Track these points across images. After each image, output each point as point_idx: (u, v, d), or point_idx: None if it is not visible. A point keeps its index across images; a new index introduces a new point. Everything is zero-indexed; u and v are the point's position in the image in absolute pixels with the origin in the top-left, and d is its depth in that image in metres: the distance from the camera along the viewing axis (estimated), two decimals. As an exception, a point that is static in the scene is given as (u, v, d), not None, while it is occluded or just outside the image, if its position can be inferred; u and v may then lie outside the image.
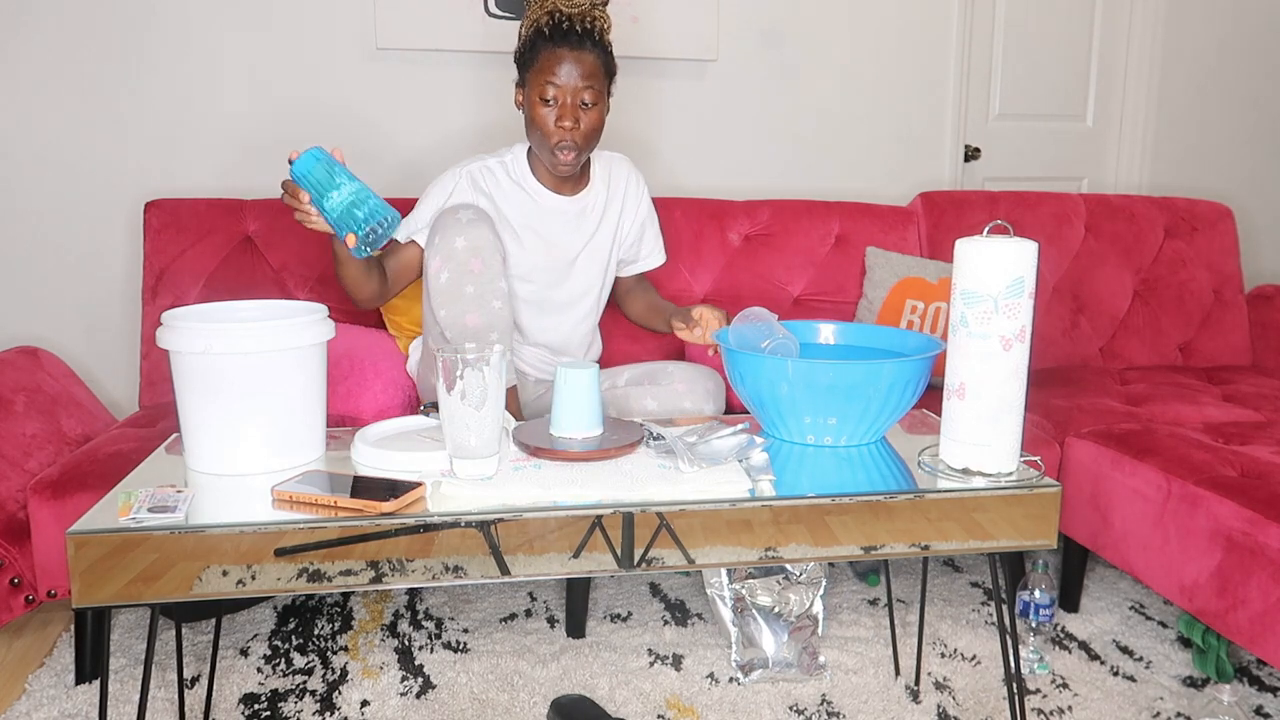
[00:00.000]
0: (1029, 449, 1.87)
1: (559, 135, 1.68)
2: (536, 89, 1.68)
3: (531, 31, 1.69)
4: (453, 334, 1.66)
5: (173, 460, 1.31)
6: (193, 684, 1.67)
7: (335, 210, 1.31)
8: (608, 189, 1.89)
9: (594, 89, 1.68)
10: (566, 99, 1.67)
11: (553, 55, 1.65)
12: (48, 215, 2.32)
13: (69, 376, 2.09)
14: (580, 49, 1.66)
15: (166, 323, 1.24)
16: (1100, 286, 2.58)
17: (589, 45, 1.67)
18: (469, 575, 1.12)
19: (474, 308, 1.66)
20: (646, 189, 1.97)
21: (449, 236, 1.66)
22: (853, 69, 2.77)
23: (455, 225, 1.66)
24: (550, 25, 1.66)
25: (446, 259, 1.65)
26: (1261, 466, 1.67)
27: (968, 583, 2.12)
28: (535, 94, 1.68)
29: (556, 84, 1.66)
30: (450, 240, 1.66)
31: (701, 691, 1.66)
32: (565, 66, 1.65)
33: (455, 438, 1.18)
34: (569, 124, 1.67)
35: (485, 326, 1.67)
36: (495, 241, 1.69)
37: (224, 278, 2.15)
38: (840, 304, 2.42)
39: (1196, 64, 3.06)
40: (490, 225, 1.70)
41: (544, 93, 1.66)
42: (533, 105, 1.69)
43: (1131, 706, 1.63)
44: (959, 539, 1.22)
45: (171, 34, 2.32)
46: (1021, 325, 1.20)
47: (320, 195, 1.32)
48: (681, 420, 1.51)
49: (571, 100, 1.67)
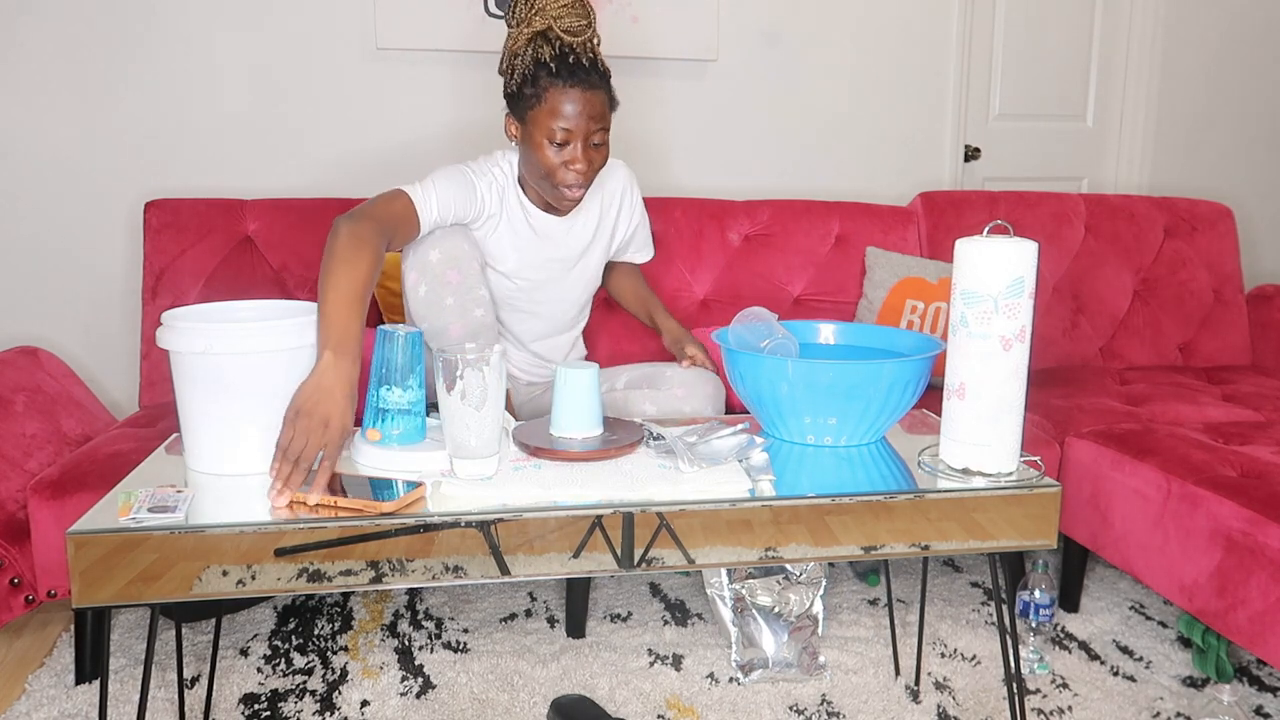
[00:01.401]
0: (1029, 449, 1.87)
1: (569, 176, 1.61)
2: (542, 131, 1.58)
3: (531, 65, 1.57)
4: (437, 345, 1.64)
5: (173, 460, 1.31)
6: (193, 684, 1.67)
7: (385, 404, 1.27)
8: (600, 205, 1.84)
9: (604, 128, 1.60)
10: (578, 141, 1.58)
11: (563, 95, 1.55)
12: (48, 215, 2.32)
13: (69, 376, 2.09)
14: (591, 89, 1.56)
15: (166, 323, 1.24)
16: (1100, 286, 2.58)
17: (597, 81, 1.57)
18: (469, 575, 1.12)
19: (455, 319, 1.62)
20: (639, 194, 1.93)
21: (423, 250, 1.62)
22: (853, 69, 2.77)
23: (428, 237, 1.62)
24: (555, 59, 1.55)
25: (423, 272, 1.61)
26: (1261, 466, 1.67)
27: (968, 583, 2.12)
28: (541, 135, 1.58)
29: (568, 127, 1.56)
30: (425, 254, 1.62)
31: (701, 691, 1.66)
32: (576, 108, 1.55)
33: (455, 438, 1.18)
34: (581, 166, 1.59)
35: (469, 336, 1.64)
36: (471, 250, 1.65)
37: (224, 278, 2.15)
38: (840, 304, 2.42)
39: (1196, 64, 3.06)
40: (464, 233, 1.65)
41: (553, 136, 1.57)
42: (537, 146, 1.59)
43: (1131, 706, 1.63)
44: (959, 539, 1.22)
45: (171, 34, 2.32)
46: (1021, 325, 1.20)
47: (382, 380, 1.27)
48: (682, 421, 1.51)
49: (584, 143, 1.58)
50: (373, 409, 1.28)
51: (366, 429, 1.28)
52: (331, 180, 2.44)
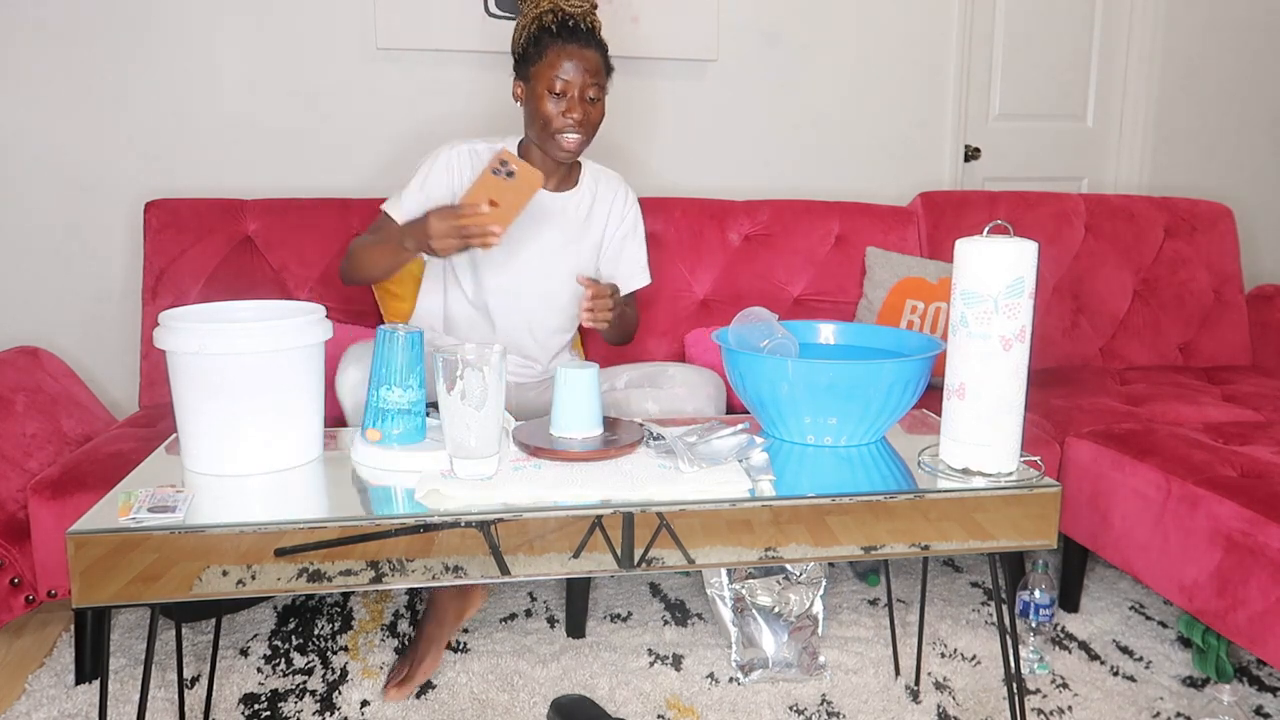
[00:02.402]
0: (1029, 449, 1.87)
1: (565, 123, 1.72)
2: (543, 83, 1.71)
3: (535, 28, 1.73)
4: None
5: (172, 460, 1.31)
6: (193, 684, 1.67)
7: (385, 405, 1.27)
8: (594, 195, 1.89)
9: (599, 85, 1.74)
10: (574, 93, 1.71)
11: (561, 51, 1.70)
12: (48, 215, 2.32)
13: (69, 376, 2.09)
14: (587, 46, 1.72)
15: (164, 323, 1.24)
16: (1100, 286, 2.58)
17: (593, 43, 1.73)
18: (469, 575, 1.12)
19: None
20: (638, 207, 1.94)
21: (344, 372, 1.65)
22: (853, 69, 2.76)
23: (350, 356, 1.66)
24: (556, 23, 1.71)
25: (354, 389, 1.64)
26: (1261, 466, 1.67)
27: (968, 583, 2.12)
28: (542, 87, 1.72)
29: (565, 78, 1.70)
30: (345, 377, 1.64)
31: (701, 691, 1.66)
32: (573, 62, 1.70)
33: (455, 438, 1.18)
34: (577, 115, 1.72)
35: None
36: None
37: (224, 278, 2.15)
38: (840, 304, 2.42)
39: (1196, 64, 3.06)
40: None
41: (552, 86, 1.70)
42: (539, 99, 1.73)
43: (1131, 706, 1.63)
44: (959, 539, 1.22)
45: (171, 34, 2.32)
46: (1021, 325, 1.20)
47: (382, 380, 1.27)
48: (682, 421, 1.50)
49: (579, 94, 1.71)
50: (373, 409, 1.28)
51: (366, 429, 1.28)
52: (332, 180, 2.44)
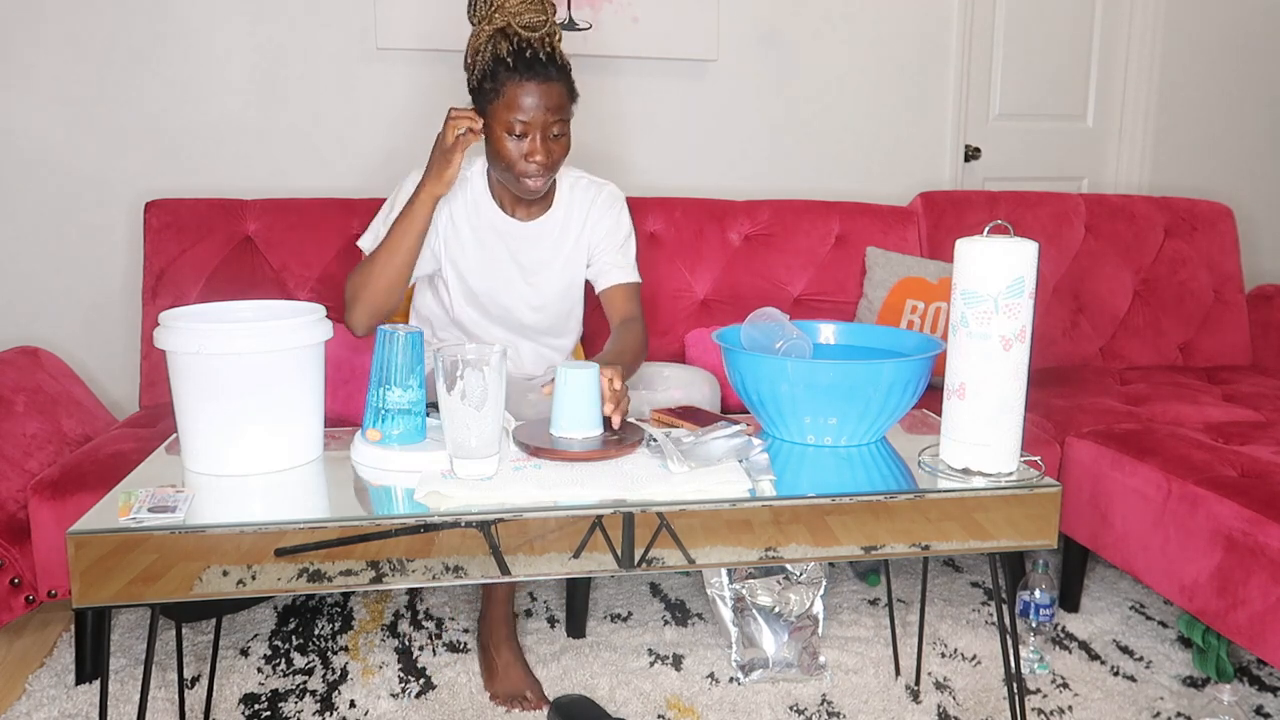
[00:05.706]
0: (1029, 449, 1.87)
1: (528, 167, 1.62)
2: (501, 123, 1.59)
3: (489, 59, 1.60)
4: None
5: (172, 460, 1.31)
6: (193, 684, 1.67)
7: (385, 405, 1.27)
8: (568, 209, 1.79)
9: (563, 120, 1.62)
10: (535, 133, 1.59)
11: (520, 89, 1.57)
12: (48, 215, 2.32)
13: (69, 376, 2.09)
14: (547, 80, 1.58)
15: (164, 323, 1.24)
16: (1100, 286, 2.58)
17: (554, 74, 1.59)
18: (469, 575, 1.12)
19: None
20: (620, 208, 1.82)
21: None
22: (853, 69, 2.76)
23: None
24: (512, 53, 1.57)
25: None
26: (1261, 466, 1.67)
27: (968, 583, 2.12)
28: (500, 128, 1.60)
29: (524, 119, 1.58)
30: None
31: (702, 691, 1.66)
32: (534, 99, 1.57)
33: (455, 438, 1.18)
34: (540, 158, 1.60)
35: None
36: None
37: (224, 278, 2.15)
38: (840, 304, 2.42)
39: (1196, 64, 3.06)
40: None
41: (510, 128, 1.59)
42: (497, 138, 1.61)
43: (1131, 706, 1.63)
44: (959, 539, 1.22)
45: (171, 34, 2.32)
46: (1021, 325, 1.20)
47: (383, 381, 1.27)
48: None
49: (541, 134, 1.60)
50: (373, 409, 1.28)
51: (366, 429, 1.28)
52: (332, 180, 2.44)
